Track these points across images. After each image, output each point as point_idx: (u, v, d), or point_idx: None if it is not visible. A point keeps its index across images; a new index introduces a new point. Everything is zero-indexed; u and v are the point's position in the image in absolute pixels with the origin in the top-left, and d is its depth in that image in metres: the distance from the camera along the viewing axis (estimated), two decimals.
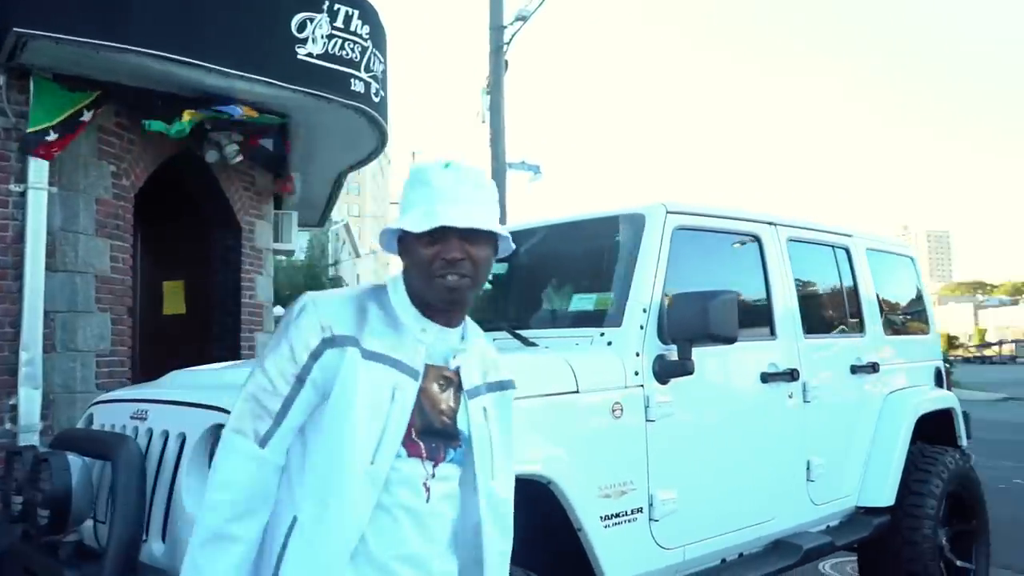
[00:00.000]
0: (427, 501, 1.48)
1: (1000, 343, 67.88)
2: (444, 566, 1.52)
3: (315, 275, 24.78)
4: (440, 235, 1.47)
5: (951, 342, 77.71)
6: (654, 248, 2.94)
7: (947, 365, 4.79)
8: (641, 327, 2.80)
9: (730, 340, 2.75)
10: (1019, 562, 5.24)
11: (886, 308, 4.26)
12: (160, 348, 6.87)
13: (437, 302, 1.54)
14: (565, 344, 2.85)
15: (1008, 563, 5.14)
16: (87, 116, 5.12)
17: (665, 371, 2.79)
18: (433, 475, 1.50)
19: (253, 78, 5.27)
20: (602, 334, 2.82)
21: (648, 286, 2.86)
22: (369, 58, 6.13)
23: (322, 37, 5.66)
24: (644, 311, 2.82)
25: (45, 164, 5.03)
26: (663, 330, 2.82)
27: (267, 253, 7.44)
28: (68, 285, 5.14)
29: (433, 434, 1.51)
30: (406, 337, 1.53)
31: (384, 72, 6.49)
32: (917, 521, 3.77)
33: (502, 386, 1.66)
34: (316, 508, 1.43)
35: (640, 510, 2.68)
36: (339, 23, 5.82)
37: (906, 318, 4.57)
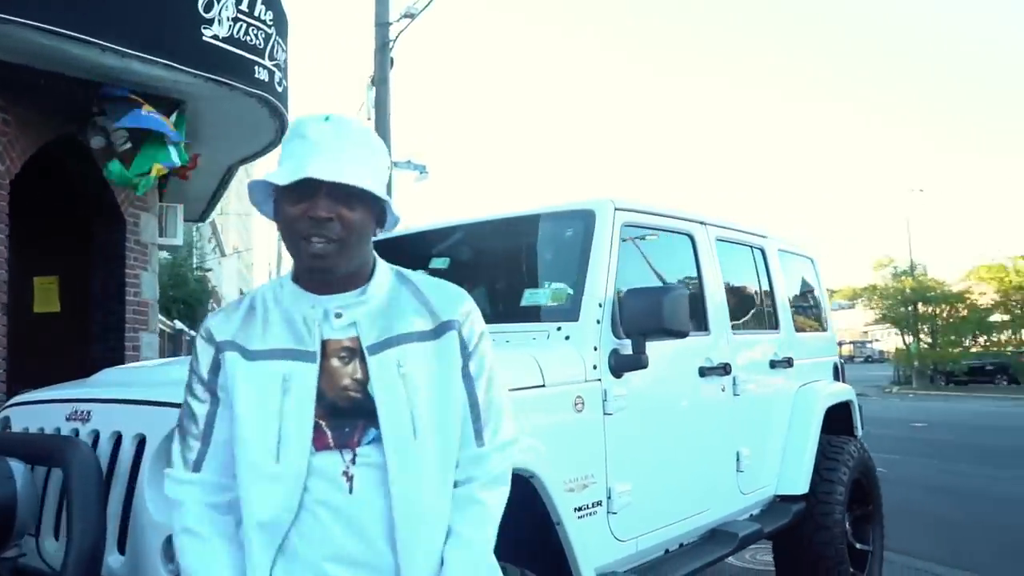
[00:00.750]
0: (350, 492, 1.34)
1: (840, 344, 73.33)
2: (384, 561, 1.35)
3: (181, 275, 23.50)
4: (309, 191, 1.34)
5: None
6: (606, 244, 2.97)
7: (841, 360, 5.10)
8: (597, 321, 2.81)
9: (683, 334, 2.81)
10: (911, 547, 5.62)
11: (794, 306, 4.49)
12: (31, 349, 6.32)
13: (304, 271, 1.43)
14: (522, 339, 2.82)
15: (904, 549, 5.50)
16: None
17: (620, 365, 2.82)
18: (354, 461, 1.35)
19: (154, 60, 4.95)
20: (559, 328, 2.81)
21: (602, 281, 2.88)
22: (273, 46, 5.89)
23: (228, 19, 5.40)
24: (600, 305, 2.84)
25: None
26: (616, 325, 2.85)
27: (152, 248, 6.98)
28: None
29: (341, 415, 1.37)
30: (296, 320, 1.42)
31: (286, 61, 6.26)
32: (828, 507, 3.99)
33: (437, 332, 1.44)
34: (244, 516, 1.39)
35: (600, 503, 2.69)
36: (244, 7, 5.57)
37: (809, 316, 4.83)
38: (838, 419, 4.64)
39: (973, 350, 34.50)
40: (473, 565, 1.40)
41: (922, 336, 35.32)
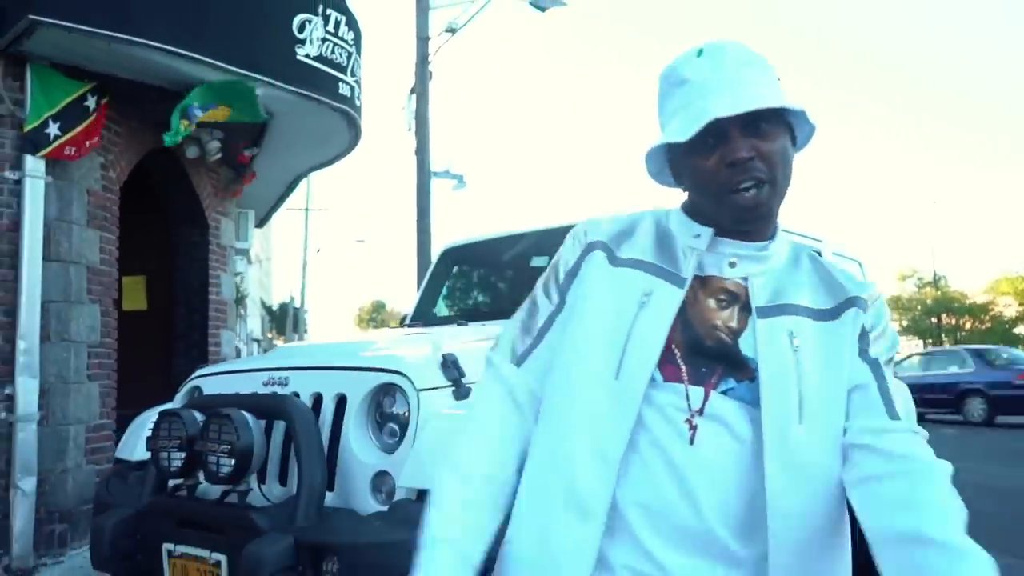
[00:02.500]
0: (691, 443, 1.09)
1: None
2: (717, 544, 1.08)
3: None
4: (715, 137, 1.13)
5: None
6: None
7: None
8: None
9: None
10: None
11: None
12: (120, 343, 6.79)
13: (737, 226, 1.19)
14: None
15: None
16: (91, 103, 5.13)
17: None
18: (702, 410, 1.10)
19: (256, 77, 5.40)
20: None
21: None
22: (353, 63, 6.35)
23: (318, 39, 5.85)
24: None
25: None
26: None
27: (230, 251, 7.47)
28: (62, 276, 5.11)
29: (703, 355, 1.14)
30: (675, 245, 1.23)
31: (362, 78, 6.71)
32: None
33: (835, 312, 1.18)
34: (547, 448, 1.18)
35: None
36: (330, 27, 6.02)
37: None
38: None
39: None
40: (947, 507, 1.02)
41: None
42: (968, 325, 34.46)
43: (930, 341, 36.11)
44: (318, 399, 2.47)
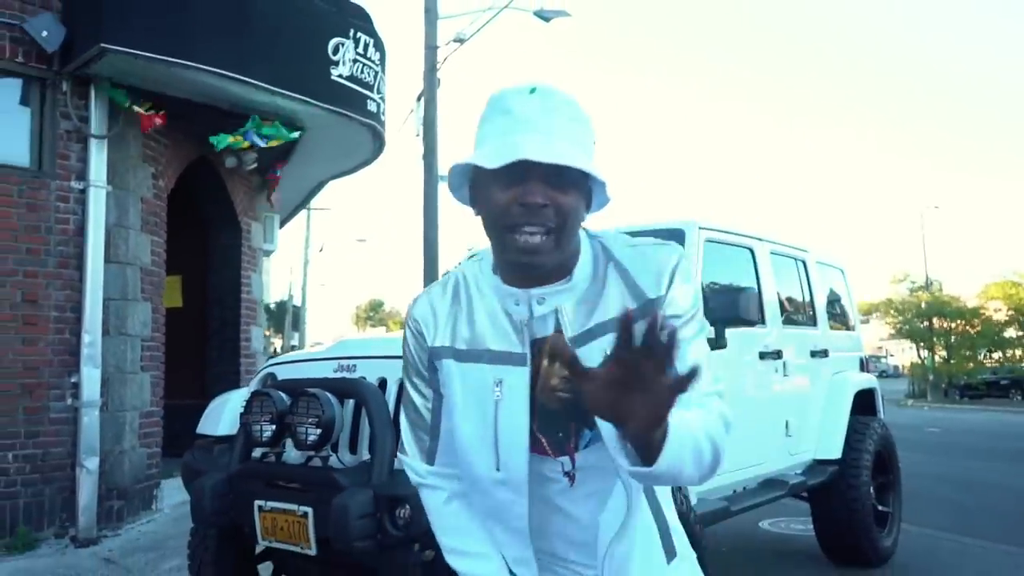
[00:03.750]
0: (570, 487, 1.31)
1: None
2: (597, 546, 1.32)
3: None
4: (519, 174, 1.15)
5: None
6: (693, 254, 3.92)
7: (867, 357, 6.01)
8: None
9: (753, 323, 3.76)
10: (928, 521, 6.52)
11: (828, 308, 5.42)
12: None
13: (511, 266, 1.24)
14: None
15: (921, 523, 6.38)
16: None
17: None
18: (573, 468, 1.29)
19: (294, 96, 5.94)
20: None
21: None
22: (379, 81, 6.89)
23: (349, 60, 6.39)
24: None
25: (104, 164, 5.54)
26: (707, 315, 3.78)
27: (260, 252, 8.01)
28: (120, 276, 5.65)
29: (552, 418, 1.26)
30: (500, 317, 1.29)
31: (386, 94, 7.25)
32: (856, 471, 4.90)
33: (641, 312, 1.16)
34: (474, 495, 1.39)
35: None
36: (360, 49, 6.56)
37: (839, 317, 5.75)
38: (864, 403, 5.56)
39: (987, 365, 35.13)
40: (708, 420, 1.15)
41: (937, 351, 35.96)
42: (959, 328, 35.01)
43: (922, 344, 36.71)
44: (383, 382, 3.01)
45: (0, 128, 5.37)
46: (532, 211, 1.16)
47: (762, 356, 4.30)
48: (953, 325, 34.92)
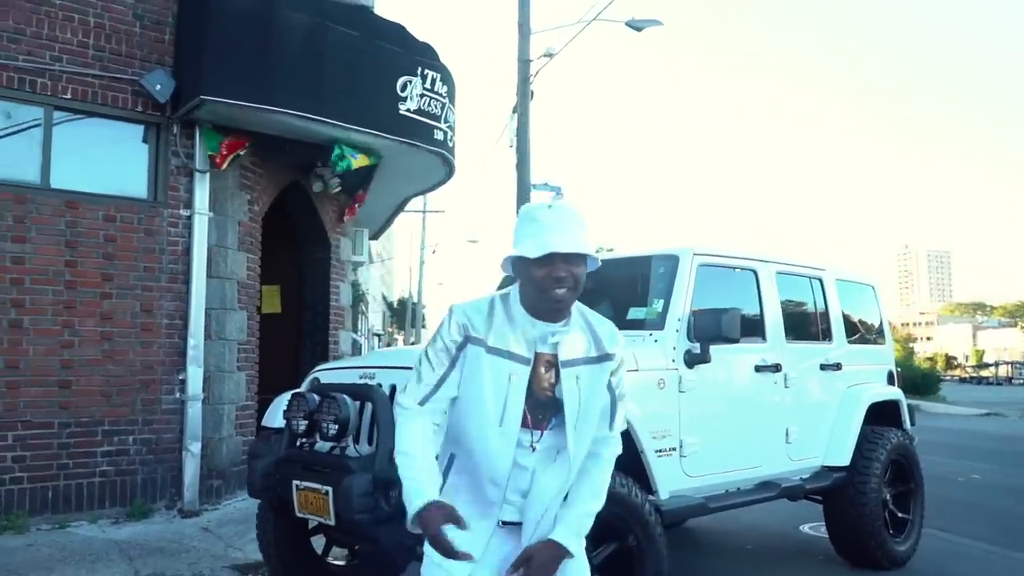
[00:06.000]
0: (532, 452, 2.12)
1: (996, 364, 68.88)
2: (535, 505, 2.11)
3: None
4: (548, 259, 1.98)
5: (949, 362, 78.70)
6: (684, 278, 4.40)
7: (899, 369, 6.23)
8: (676, 331, 4.25)
9: (735, 340, 4.20)
10: (976, 531, 6.66)
11: (850, 323, 5.72)
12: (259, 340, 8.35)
13: (547, 311, 2.08)
14: (629, 341, 4.29)
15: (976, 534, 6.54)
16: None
17: (692, 360, 4.23)
18: (540, 439, 2.13)
19: (367, 132, 6.75)
20: (651, 335, 4.27)
21: (681, 303, 4.31)
22: (446, 111, 7.61)
23: (416, 96, 7.15)
24: (679, 320, 4.27)
25: (207, 193, 6.51)
26: (691, 333, 4.26)
27: (348, 264, 8.92)
28: (220, 289, 6.61)
29: (540, 406, 2.10)
30: (519, 334, 2.10)
31: (455, 122, 7.97)
32: (865, 476, 5.20)
33: (600, 359, 2.15)
34: (466, 452, 2.15)
35: (675, 448, 4.12)
36: (427, 84, 7.30)
37: (866, 331, 6.02)
38: (891, 415, 5.83)
39: None
40: (597, 485, 2.20)
41: None
42: None
43: None
44: (393, 388, 3.69)
45: (124, 167, 6.44)
46: (560, 280, 2.02)
47: (758, 369, 4.72)
48: None
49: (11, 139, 5.93)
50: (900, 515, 5.58)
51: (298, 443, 3.86)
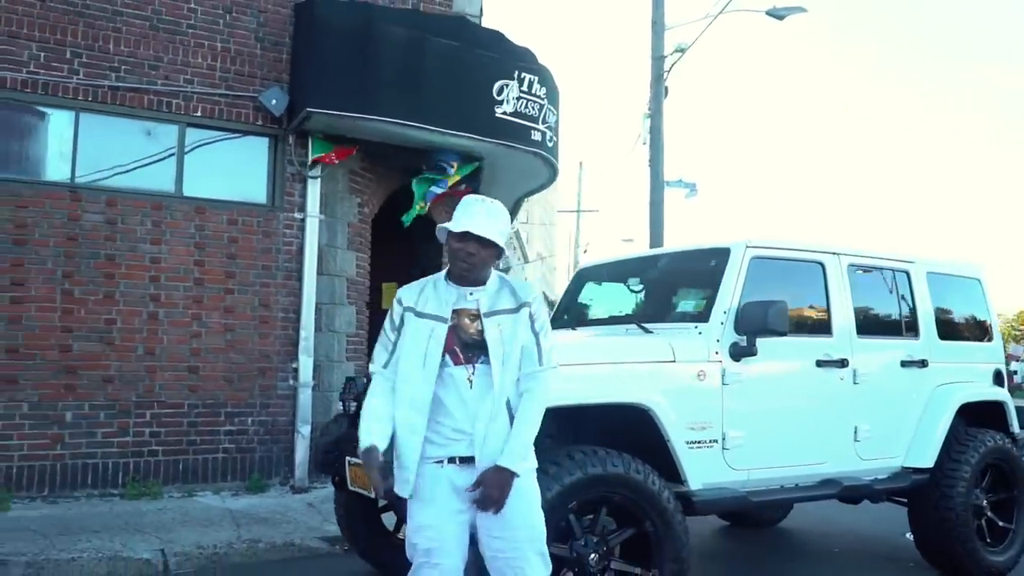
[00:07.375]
0: (470, 388, 2.62)
1: None
2: (479, 429, 2.59)
3: None
4: (464, 236, 2.58)
5: None
6: (734, 271, 4.37)
7: (1014, 370, 5.79)
8: (721, 323, 4.24)
9: (782, 334, 4.15)
10: None
11: (945, 319, 5.40)
12: (374, 333, 8.91)
13: (458, 275, 2.67)
14: (672, 332, 4.34)
15: None
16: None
17: (738, 352, 4.22)
18: (474, 373, 2.62)
19: (463, 135, 7.11)
20: (696, 327, 4.30)
21: (728, 296, 4.30)
22: (545, 112, 7.83)
23: (513, 99, 7.42)
24: (724, 312, 4.27)
25: (318, 198, 7.11)
26: (738, 325, 4.25)
27: None
28: (330, 286, 7.19)
29: (469, 347, 2.62)
30: (441, 300, 2.67)
31: (556, 122, 8.17)
32: (952, 480, 4.92)
33: (517, 308, 2.68)
34: (401, 385, 2.67)
35: (716, 441, 4.13)
36: (524, 87, 7.56)
37: (967, 328, 5.65)
38: (996, 417, 5.46)
39: None
40: (532, 416, 2.67)
41: None
42: None
43: None
44: None
45: (247, 175, 7.16)
46: (469, 254, 2.61)
47: (820, 364, 4.60)
48: None
49: (151, 154, 6.76)
50: (1001, 524, 5.22)
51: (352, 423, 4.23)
